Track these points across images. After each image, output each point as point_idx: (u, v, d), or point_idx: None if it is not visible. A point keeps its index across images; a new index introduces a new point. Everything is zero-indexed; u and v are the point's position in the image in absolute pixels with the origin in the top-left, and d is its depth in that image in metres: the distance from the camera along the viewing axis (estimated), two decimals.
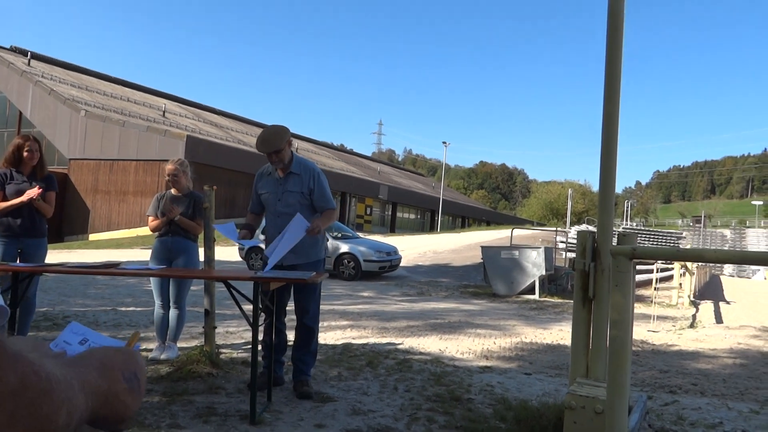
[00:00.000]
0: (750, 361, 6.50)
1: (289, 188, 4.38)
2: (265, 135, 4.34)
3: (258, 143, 4.33)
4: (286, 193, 4.38)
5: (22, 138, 5.05)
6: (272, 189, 4.43)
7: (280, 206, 4.38)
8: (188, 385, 4.32)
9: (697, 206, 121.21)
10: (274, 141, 4.27)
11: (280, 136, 4.30)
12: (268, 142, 4.28)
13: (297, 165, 4.42)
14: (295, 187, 4.37)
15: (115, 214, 28.59)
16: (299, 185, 4.37)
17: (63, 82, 33.89)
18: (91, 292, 9.74)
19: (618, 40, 3.56)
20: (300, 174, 4.39)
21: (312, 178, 4.40)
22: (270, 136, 4.31)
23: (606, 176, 3.53)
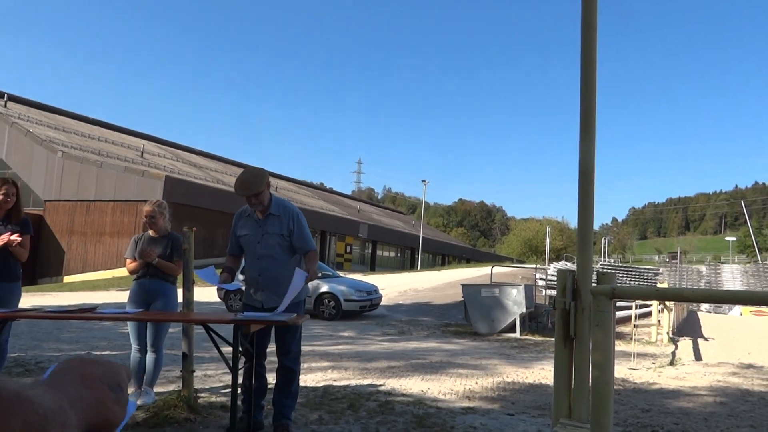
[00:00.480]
0: (729, 398, 6.53)
1: (268, 230, 4.35)
2: (244, 178, 4.31)
3: (237, 186, 4.30)
4: (266, 235, 4.35)
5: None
6: (252, 231, 4.40)
7: (260, 248, 4.35)
8: (165, 431, 4.21)
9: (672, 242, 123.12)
10: (253, 184, 4.24)
11: (259, 179, 4.28)
12: (247, 186, 4.24)
13: (276, 206, 4.41)
14: (275, 228, 4.36)
15: (90, 255, 28.15)
16: (279, 227, 4.35)
17: (39, 123, 33.72)
18: (64, 336, 9.51)
19: (592, 74, 3.65)
20: (280, 215, 4.37)
21: (292, 219, 4.38)
22: (249, 179, 4.28)
23: (584, 214, 3.59)
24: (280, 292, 4.29)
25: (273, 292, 4.33)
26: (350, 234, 43.12)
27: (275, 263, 4.34)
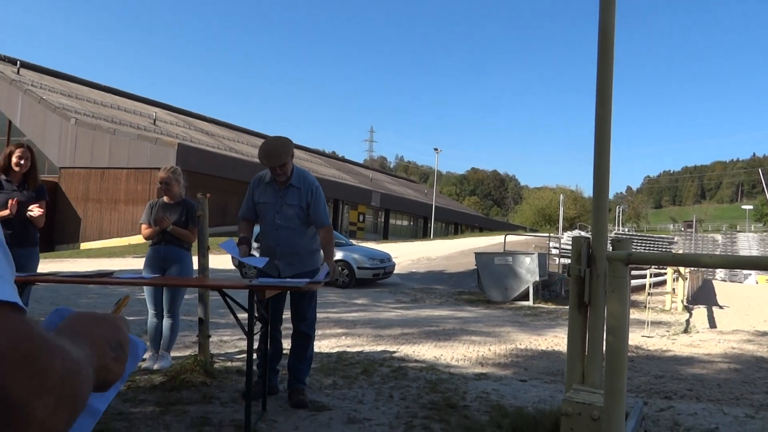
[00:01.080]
0: (744, 365, 6.52)
1: (288, 201, 4.32)
2: (270, 148, 4.22)
3: (262, 156, 4.21)
4: (285, 206, 4.32)
5: (14, 145, 5.00)
6: (271, 200, 4.36)
7: (279, 219, 4.33)
8: (182, 394, 4.28)
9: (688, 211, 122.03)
10: (279, 154, 4.17)
11: (285, 150, 4.21)
12: (273, 156, 4.17)
13: (297, 178, 4.37)
14: (294, 200, 4.33)
15: (106, 223, 28.42)
16: (298, 199, 4.32)
17: (53, 90, 33.74)
18: (82, 301, 9.67)
19: (609, 46, 3.57)
20: (299, 187, 4.34)
21: (310, 191, 4.34)
22: (275, 149, 4.20)
23: (599, 181, 3.54)
24: (296, 261, 4.32)
25: (290, 262, 4.35)
26: (363, 203, 43.12)
27: (293, 234, 4.34)
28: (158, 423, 3.63)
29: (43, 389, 0.46)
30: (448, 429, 3.72)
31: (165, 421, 3.68)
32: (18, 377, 0.44)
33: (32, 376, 0.45)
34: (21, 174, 4.92)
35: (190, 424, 3.64)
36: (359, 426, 3.74)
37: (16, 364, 0.44)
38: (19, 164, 4.86)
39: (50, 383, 0.46)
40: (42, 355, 0.47)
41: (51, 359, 0.48)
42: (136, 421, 3.65)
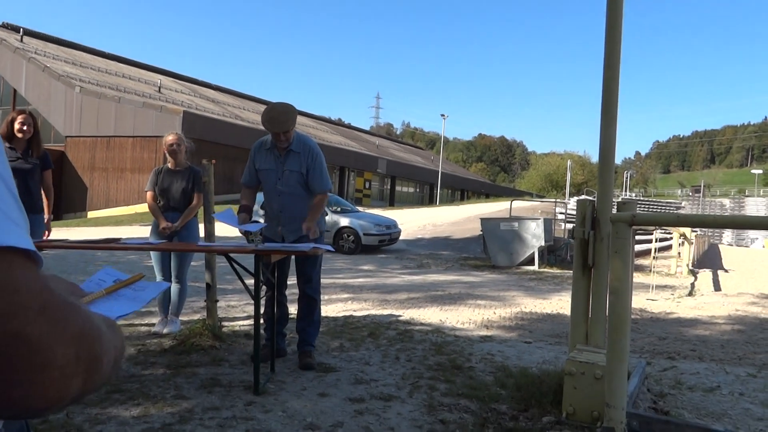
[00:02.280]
0: (747, 327, 6.56)
1: (288, 167, 4.32)
2: (274, 114, 4.20)
3: (265, 121, 4.19)
4: (286, 172, 4.32)
5: (16, 111, 4.93)
6: (272, 166, 4.36)
7: (281, 185, 4.33)
8: (191, 357, 4.36)
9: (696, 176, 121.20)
10: (283, 121, 4.16)
11: (289, 116, 4.19)
12: (277, 122, 4.16)
13: (297, 143, 4.35)
14: (295, 166, 4.32)
15: (113, 191, 28.54)
16: (298, 164, 4.31)
17: (57, 58, 33.54)
18: (91, 269, 9.77)
19: (618, 9, 3.52)
20: (299, 152, 4.32)
21: (310, 156, 4.33)
22: (279, 116, 4.18)
23: (606, 144, 3.53)
24: (299, 227, 4.33)
25: (294, 228, 4.36)
26: (369, 170, 43.04)
27: (296, 199, 4.35)
28: (169, 384, 3.71)
29: (62, 338, 0.46)
30: (453, 389, 3.78)
31: (176, 382, 3.76)
32: (38, 323, 0.45)
33: (52, 323, 0.46)
34: (24, 141, 4.88)
35: (200, 385, 3.72)
36: (366, 386, 3.81)
37: (36, 312, 0.45)
38: (21, 131, 4.81)
39: (69, 335, 0.47)
40: (61, 307, 0.48)
41: (69, 313, 0.48)
42: (147, 382, 3.73)
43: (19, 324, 0.44)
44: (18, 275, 0.45)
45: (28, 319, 0.44)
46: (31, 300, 0.45)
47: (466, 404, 3.51)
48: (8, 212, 0.48)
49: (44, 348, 0.45)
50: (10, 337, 0.43)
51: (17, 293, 0.45)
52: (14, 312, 0.44)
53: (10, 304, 0.44)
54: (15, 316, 0.44)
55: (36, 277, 0.47)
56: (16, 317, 0.44)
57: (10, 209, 0.49)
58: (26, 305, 0.45)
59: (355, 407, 3.41)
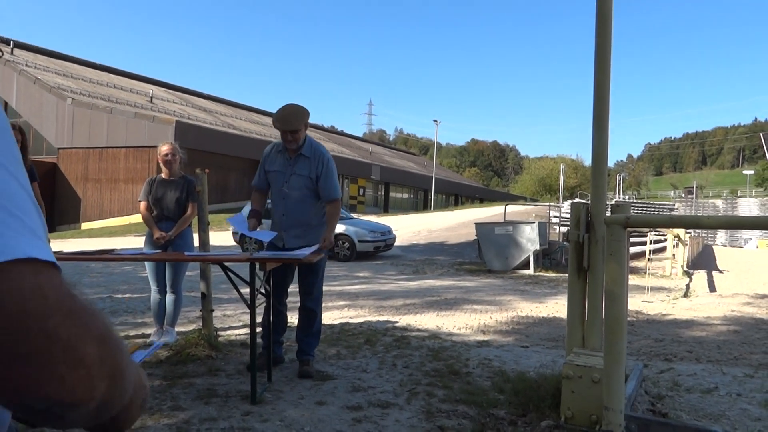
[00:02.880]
0: (743, 327, 6.58)
1: (297, 171, 4.30)
2: (284, 113, 4.23)
3: (275, 119, 4.23)
4: (294, 175, 4.30)
5: None
6: (281, 168, 4.36)
7: (287, 188, 4.32)
8: (188, 368, 4.33)
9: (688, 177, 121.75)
10: (293, 121, 4.18)
11: (299, 117, 4.22)
12: (286, 121, 4.19)
13: (308, 148, 4.34)
14: (303, 170, 4.30)
15: (106, 202, 28.43)
16: (307, 169, 4.30)
17: (47, 70, 33.47)
18: (86, 280, 9.72)
19: (608, 13, 3.54)
20: (310, 157, 4.31)
21: (321, 163, 4.31)
22: (289, 116, 4.21)
23: (598, 147, 3.54)
24: (302, 234, 4.31)
25: (296, 234, 4.34)
26: (363, 176, 43.06)
27: (300, 205, 4.32)
28: (165, 396, 3.68)
29: (88, 339, 0.51)
30: (451, 395, 3.77)
31: (172, 393, 3.73)
32: (66, 325, 0.49)
33: (78, 325, 0.50)
34: None
35: (196, 395, 3.70)
36: (363, 394, 3.80)
37: (63, 314, 0.49)
38: None
39: (93, 337, 0.51)
40: (84, 310, 0.52)
41: (91, 317, 0.53)
42: None
43: (53, 325, 0.48)
44: (44, 282, 0.49)
45: (57, 321, 0.48)
46: (59, 303, 0.50)
47: (464, 410, 3.50)
48: (31, 225, 0.52)
49: (74, 347, 0.49)
50: (44, 337, 0.47)
51: (46, 298, 0.49)
52: (47, 314, 0.48)
53: (42, 307, 0.48)
54: (49, 318, 0.48)
55: (61, 283, 0.51)
56: (50, 318, 0.48)
57: (33, 221, 0.53)
58: (55, 308, 0.49)
59: (353, 415, 3.40)
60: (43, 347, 0.47)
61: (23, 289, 0.48)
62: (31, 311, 0.47)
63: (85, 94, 31.39)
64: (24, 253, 0.49)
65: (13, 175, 0.53)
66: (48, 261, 0.51)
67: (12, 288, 0.47)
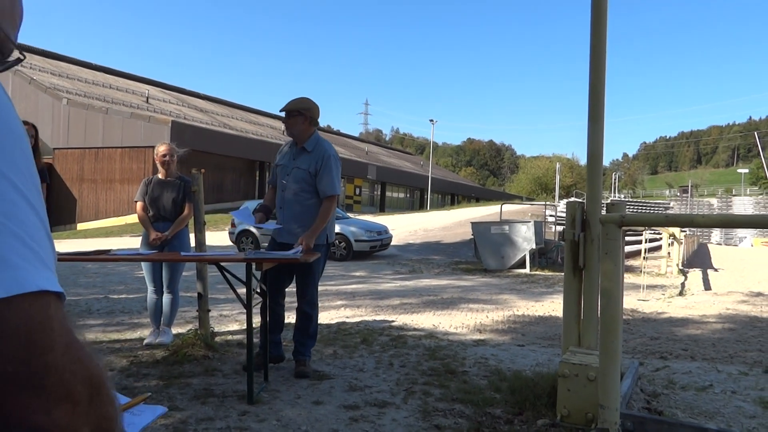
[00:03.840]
0: (738, 325, 6.61)
1: (298, 164, 4.33)
2: (294, 99, 4.39)
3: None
4: (295, 169, 4.33)
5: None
6: (285, 162, 4.42)
7: (286, 181, 4.35)
8: (184, 368, 4.33)
9: (684, 176, 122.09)
10: (295, 103, 4.32)
11: (301, 104, 4.33)
12: (290, 103, 4.35)
13: (312, 143, 4.36)
14: (304, 164, 4.32)
15: (102, 203, 28.36)
16: (307, 164, 4.32)
17: (43, 70, 33.35)
18: (82, 281, 9.71)
19: (602, 11, 3.56)
20: (311, 152, 4.34)
21: (321, 158, 4.31)
22: (292, 101, 4.36)
23: (594, 147, 3.55)
24: (294, 230, 4.29)
25: (288, 229, 4.32)
26: (359, 176, 43.04)
27: (297, 198, 4.31)
28: (162, 395, 3.68)
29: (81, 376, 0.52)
30: (447, 394, 3.78)
31: (169, 393, 3.73)
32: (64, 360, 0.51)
33: (74, 361, 0.52)
34: None
35: (193, 396, 3.70)
36: (360, 393, 3.81)
37: (63, 348, 0.51)
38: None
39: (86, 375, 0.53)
40: (81, 348, 0.54)
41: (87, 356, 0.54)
42: (139, 394, 3.69)
43: (53, 358, 0.50)
44: (52, 315, 0.52)
45: (57, 354, 0.50)
46: (61, 338, 0.52)
47: (460, 409, 3.51)
48: (43, 256, 0.54)
49: (66, 381, 0.51)
50: (43, 369, 0.49)
51: (52, 331, 0.51)
52: (51, 347, 0.50)
53: (48, 340, 0.50)
54: (51, 350, 0.50)
55: (64, 317, 0.54)
56: (52, 351, 0.50)
57: (45, 252, 0.54)
58: (57, 342, 0.51)
59: (350, 414, 3.41)
60: (40, 379, 0.49)
61: (32, 322, 0.49)
62: (37, 343, 0.49)
63: (81, 94, 31.30)
64: (36, 286, 0.51)
65: (31, 204, 0.55)
66: (56, 292, 0.53)
67: (23, 320, 0.49)
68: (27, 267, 0.51)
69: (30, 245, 0.52)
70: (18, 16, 0.68)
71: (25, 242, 0.52)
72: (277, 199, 4.45)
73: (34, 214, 0.55)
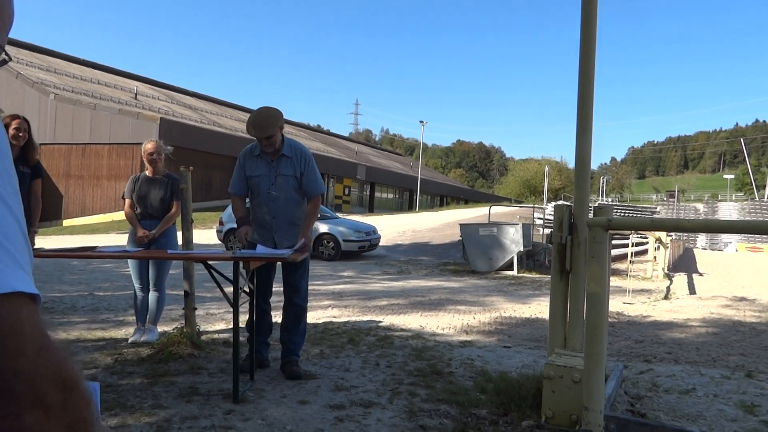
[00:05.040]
0: (722, 329, 6.68)
1: (281, 172, 4.28)
2: (258, 119, 4.17)
3: (250, 127, 4.17)
4: (279, 177, 4.28)
5: (9, 116, 4.67)
6: (265, 172, 4.31)
7: (274, 190, 4.29)
8: (170, 366, 4.31)
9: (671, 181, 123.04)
10: (266, 126, 4.13)
11: (273, 121, 4.16)
12: (261, 127, 4.13)
13: (288, 148, 4.32)
14: (288, 170, 4.29)
15: (89, 199, 28.14)
16: (291, 169, 4.29)
17: (30, 65, 33.01)
18: (67, 278, 9.63)
19: (592, 15, 3.58)
20: (292, 157, 4.30)
21: (303, 160, 4.32)
22: (263, 121, 4.15)
23: (582, 150, 3.58)
24: (292, 235, 4.31)
25: (286, 234, 4.33)
26: (348, 176, 43.01)
27: (289, 205, 4.31)
28: (147, 394, 3.66)
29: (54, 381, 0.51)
30: (433, 395, 3.79)
31: (153, 391, 3.71)
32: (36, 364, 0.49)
33: (47, 367, 0.50)
34: (19, 148, 4.62)
35: (178, 394, 3.68)
36: (346, 393, 3.80)
37: (35, 353, 0.50)
38: (17, 137, 4.56)
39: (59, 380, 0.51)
40: (56, 354, 0.52)
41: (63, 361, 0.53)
42: (124, 392, 3.68)
43: (24, 363, 0.48)
44: (24, 318, 0.50)
45: (28, 359, 0.49)
46: (33, 342, 0.50)
47: (446, 409, 3.52)
48: (18, 257, 0.52)
49: (38, 387, 0.49)
50: (12, 374, 0.48)
51: (23, 334, 0.49)
52: (21, 351, 0.49)
53: (18, 344, 0.49)
54: (21, 355, 0.48)
55: (38, 320, 0.52)
56: (22, 356, 0.48)
57: (20, 253, 0.53)
58: (29, 346, 0.50)
59: (336, 414, 3.40)
60: (9, 384, 0.47)
61: (2, 325, 0.48)
62: (7, 347, 0.48)
63: (69, 89, 31.03)
64: (10, 287, 0.49)
65: (6, 203, 0.53)
66: (31, 294, 0.51)
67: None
68: (2, 268, 0.50)
69: (4, 245, 0.51)
70: (8, 18, 0.66)
71: (0, 243, 0.50)
72: (261, 208, 4.36)
73: (9, 213, 0.53)
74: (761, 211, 48.58)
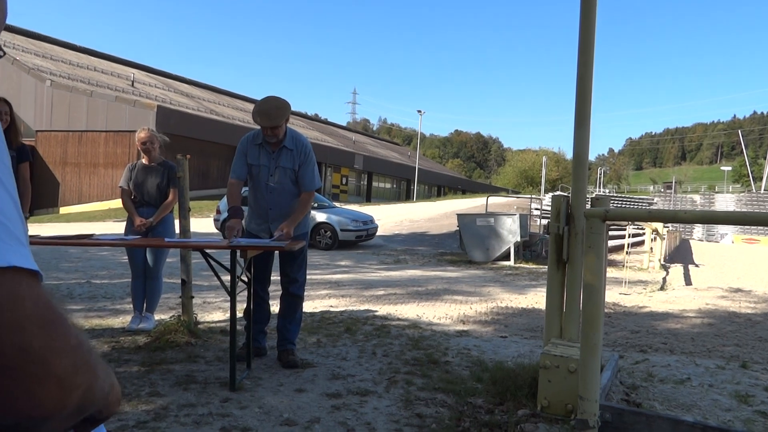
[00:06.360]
0: (717, 320, 6.71)
1: (281, 164, 4.27)
2: (266, 108, 4.13)
3: (256, 113, 4.13)
4: (279, 168, 4.27)
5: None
6: (265, 162, 4.29)
7: (272, 181, 4.28)
8: (167, 354, 4.32)
9: (668, 172, 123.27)
10: (274, 116, 4.10)
11: (281, 112, 4.13)
12: (268, 116, 4.09)
13: (290, 140, 4.30)
14: (288, 162, 4.27)
15: (86, 187, 28.07)
16: (291, 161, 4.27)
17: (26, 51, 32.83)
18: (64, 265, 9.61)
19: (591, 8, 3.56)
20: (293, 149, 4.28)
21: (303, 153, 4.30)
22: (272, 111, 4.12)
23: (579, 142, 3.57)
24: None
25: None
26: (346, 165, 42.97)
27: (286, 196, 4.30)
28: (143, 381, 3.67)
29: (63, 350, 0.50)
30: (429, 384, 3.81)
31: (150, 379, 3.72)
32: (40, 337, 0.48)
33: (53, 337, 0.49)
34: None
35: (175, 382, 3.69)
36: (343, 382, 3.82)
37: (38, 326, 0.48)
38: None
39: (68, 347, 0.51)
40: (60, 321, 0.51)
41: (67, 327, 0.52)
42: (121, 380, 3.68)
43: (26, 337, 0.47)
44: (24, 292, 0.49)
45: (33, 333, 0.48)
46: (36, 315, 0.49)
47: (442, 398, 3.53)
48: (14, 230, 0.51)
49: (47, 360, 0.48)
50: (17, 350, 0.46)
51: (24, 308, 0.48)
52: (22, 326, 0.47)
53: (19, 319, 0.47)
54: (23, 330, 0.47)
55: (40, 293, 0.50)
56: (24, 331, 0.47)
57: (16, 227, 0.52)
58: (31, 320, 0.48)
59: (332, 402, 3.42)
60: (16, 361, 0.46)
61: (1, 300, 0.47)
62: (7, 322, 0.46)
63: (65, 76, 30.86)
64: (7, 261, 0.48)
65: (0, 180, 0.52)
66: (30, 269, 0.50)
67: None
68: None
69: (1, 220, 0.50)
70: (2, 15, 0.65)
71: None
72: (259, 199, 4.33)
73: (4, 189, 0.52)
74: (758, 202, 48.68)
